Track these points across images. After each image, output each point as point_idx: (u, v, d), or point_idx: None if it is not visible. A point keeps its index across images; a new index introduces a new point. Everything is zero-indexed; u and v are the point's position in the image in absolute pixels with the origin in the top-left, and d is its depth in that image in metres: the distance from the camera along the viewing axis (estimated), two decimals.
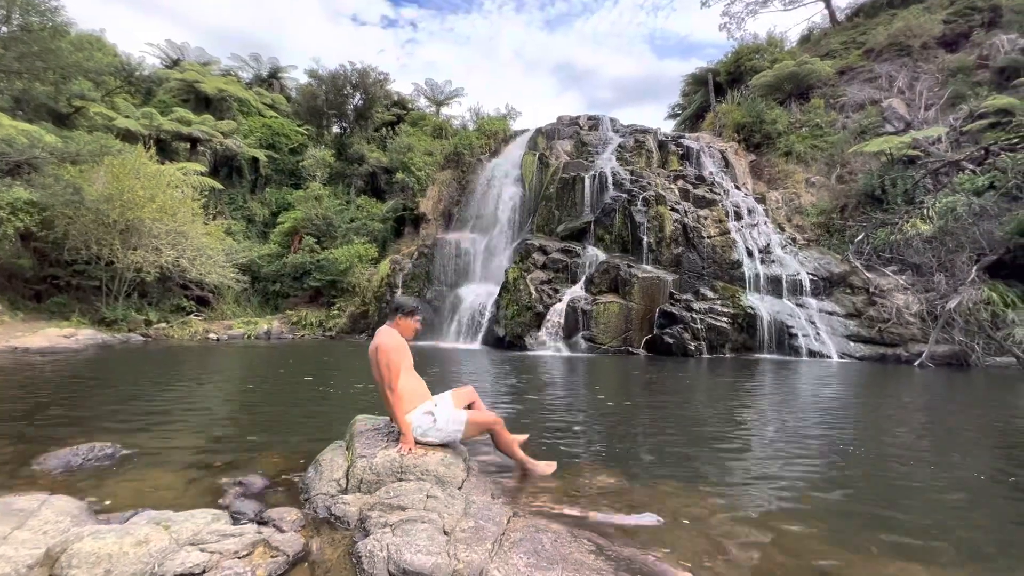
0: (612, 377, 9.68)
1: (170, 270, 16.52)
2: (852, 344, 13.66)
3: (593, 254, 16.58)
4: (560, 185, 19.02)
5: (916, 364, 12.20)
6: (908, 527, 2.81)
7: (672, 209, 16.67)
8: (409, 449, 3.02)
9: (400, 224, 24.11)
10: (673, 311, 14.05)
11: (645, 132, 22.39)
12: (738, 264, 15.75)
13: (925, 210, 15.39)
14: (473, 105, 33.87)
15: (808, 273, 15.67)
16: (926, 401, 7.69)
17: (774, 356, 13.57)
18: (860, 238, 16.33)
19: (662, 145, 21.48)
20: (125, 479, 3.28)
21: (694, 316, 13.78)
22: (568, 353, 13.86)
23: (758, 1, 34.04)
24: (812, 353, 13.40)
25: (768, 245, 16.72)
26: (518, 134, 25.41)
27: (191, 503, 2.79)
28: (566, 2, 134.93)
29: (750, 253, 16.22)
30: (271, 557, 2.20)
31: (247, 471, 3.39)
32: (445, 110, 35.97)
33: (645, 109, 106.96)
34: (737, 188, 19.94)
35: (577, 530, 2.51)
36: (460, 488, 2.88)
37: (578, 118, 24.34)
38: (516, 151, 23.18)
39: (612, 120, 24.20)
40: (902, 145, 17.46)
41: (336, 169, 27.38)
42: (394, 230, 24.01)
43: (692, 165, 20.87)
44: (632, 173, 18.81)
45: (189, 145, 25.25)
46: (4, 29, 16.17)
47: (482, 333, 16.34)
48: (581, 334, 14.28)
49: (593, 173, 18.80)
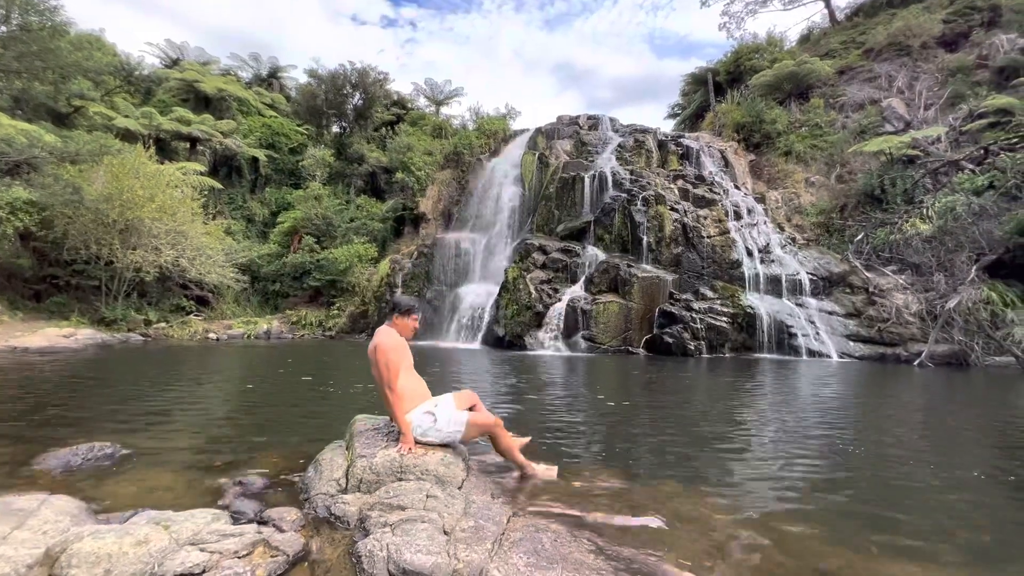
0: (612, 377, 9.68)
1: (170, 270, 16.51)
2: (852, 344, 13.67)
3: (593, 254, 16.59)
4: (560, 185, 19.03)
5: (916, 364, 12.21)
6: (908, 527, 2.81)
7: (672, 209, 16.68)
8: (409, 449, 3.01)
9: (400, 224, 24.11)
10: (673, 311, 14.05)
11: (645, 132, 22.40)
12: (738, 264, 15.76)
13: (924, 210, 15.40)
14: (473, 105, 34.00)
15: (808, 273, 15.68)
16: (926, 401, 7.70)
17: (774, 356, 13.58)
18: (860, 238, 16.34)
19: (662, 145, 21.48)
20: (125, 479, 3.28)
21: (694, 316, 13.79)
22: (568, 353, 13.87)
23: (758, 1, 34.06)
24: (812, 353, 13.42)
25: (768, 245, 16.73)
26: (518, 134, 25.40)
27: (191, 503, 2.79)
28: (565, 2, 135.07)
29: (750, 253, 16.22)
30: (271, 557, 2.20)
31: (247, 471, 3.39)
32: (445, 110, 35.99)
33: (645, 109, 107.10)
34: (737, 188, 19.95)
35: (577, 530, 2.51)
36: (460, 488, 2.87)
37: (578, 118, 24.34)
38: (516, 151, 23.18)
39: (612, 120, 24.21)
40: (901, 145, 17.46)
41: (336, 169, 27.36)
42: (394, 230, 24.01)
43: (692, 165, 20.87)
44: (632, 173, 18.81)
45: (189, 145, 25.24)
46: (3, 28, 16.16)
47: (482, 333, 16.34)
48: (581, 334, 14.28)
49: (593, 173, 18.81)
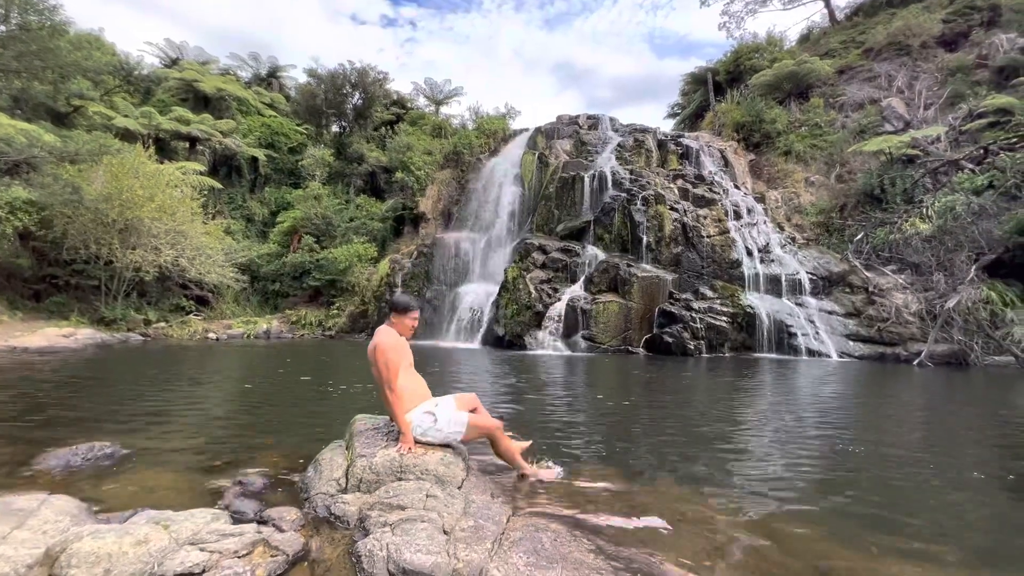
0: (612, 376, 9.68)
1: (169, 269, 16.50)
2: (851, 343, 13.68)
3: (592, 253, 16.59)
4: (559, 184, 19.03)
5: (915, 363, 12.22)
6: (909, 527, 2.81)
7: (671, 208, 16.68)
8: (409, 448, 3.01)
9: (399, 223, 24.10)
10: (672, 310, 14.06)
11: (644, 131, 22.39)
12: (737, 263, 15.76)
13: (924, 209, 15.39)
14: (472, 104, 34.01)
15: (807, 272, 15.68)
16: (926, 400, 7.70)
17: (773, 355, 13.58)
18: (859, 237, 16.34)
19: (661, 144, 21.48)
20: (125, 479, 3.28)
21: (693, 315, 13.79)
22: (567, 352, 13.87)
23: (757, 0, 34.05)
24: (811, 352, 13.42)
25: (767, 244, 16.73)
26: (517, 133, 25.39)
27: (191, 503, 2.79)
28: (565, 1, 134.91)
29: (749, 252, 16.23)
30: (271, 556, 2.20)
31: (247, 471, 3.39)
32: (444, 109, 35.94)
33: (644, 108, 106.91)
34: (736, 187, 19.94)
35: (577, 530, 2.51)
36: (460, 487, 2.87)
37: (577, 117, 24.32)
38: (515, 150, 23.17)
39: (611, 119, 24.20)
40: (901, 144, 17.46)
41: (335, 168, 27.34)
42: (393, 229, 24.00)
43: (691, 164, 20.86)
44: (631, 172, 18.81)
45: (188, 144, 25.21)
46: (3, 28, 16.14)
47: (481, 332, 16.34)
48: (580, 333, 14.28)
49: (592, 172, 18.81)
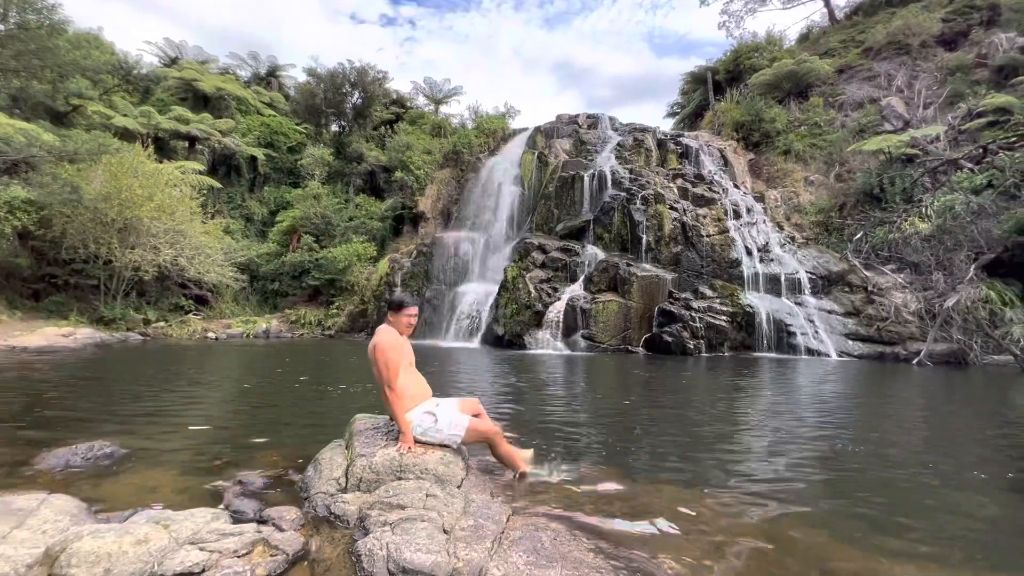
0: (611, 376, 9.69)
1: (168, 269, 16.49)
2: (851, 342, 13.69)
3: (592, 253, 16.58)
4: (559, 184, 19.02)
5: (914, 362, 12.23)
6: (909, 527, 2.81)
7: (671, 208, 16.68)
8: (408, 448, 3.01)
9: (399, 223, 24.10)
10: (672, 310, 14.06)
11: (644, 131, 22.39)
12: (737, 263, 15.76)
13: (923, 208, 15.40)
14: (472, 103, 34.02)
15: (807, 271, 15.69)
16: (925, 400, 7.71)
17: (773, 354, 13.59)
18: (859, 236, 16.34)
19: (661, 144, 21.48)
20: (124, 478, 3.28)
21: (693, 315, 13.79)
22: (567, 352, 13.87)
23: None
24: (811, 351, 13.43)
25: (767, 244, 16.73)
26: (517, 132, 25.39)
27: (190, 502, 2.79)
28: (565, 0, 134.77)
29: (749, 252, 16.23)
30: (270, 556, 2.20)
31: (247, 470, 3.40)
32: (444, 108, 35.91)
33: (644, 108, 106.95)
34: (736, 187, 19.94)
35: (577, 529, 2.51)
36: (459, 487, 2.88)
37: (577, 116, 24.32)
38: (515, 150, 23.17)
39: (611, 119, 24.20)
40: (901, 144, 17.46)
41: (335, 168, 27.33)
42: (393, 229, 23.99)
43: (691, 164, 20.86)
44: (631, 172, 18.80)
45: (187, 144, 25.18)
46: (1, 27, 16.09)
47: (481, 332, 16.34)
48: (580, 333, 14.28)
49: (592, 172, 18.80)
